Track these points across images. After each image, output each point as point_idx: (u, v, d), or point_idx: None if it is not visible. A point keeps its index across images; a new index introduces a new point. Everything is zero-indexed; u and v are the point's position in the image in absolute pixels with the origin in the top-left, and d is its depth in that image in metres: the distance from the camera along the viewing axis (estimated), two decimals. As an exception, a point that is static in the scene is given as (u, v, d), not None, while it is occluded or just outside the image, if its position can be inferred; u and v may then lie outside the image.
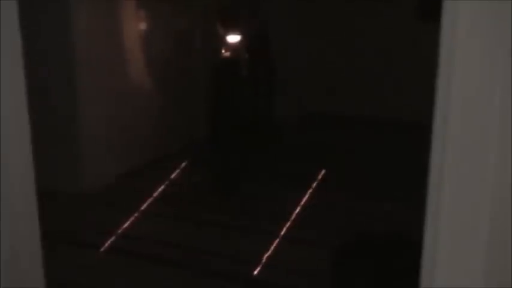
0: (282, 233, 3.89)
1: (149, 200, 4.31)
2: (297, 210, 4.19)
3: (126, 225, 3.98)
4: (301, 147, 5.40)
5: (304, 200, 4.33)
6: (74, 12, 4.17)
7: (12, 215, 1.69)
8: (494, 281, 1.20)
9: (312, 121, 6.07)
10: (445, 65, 1.17)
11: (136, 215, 4.12)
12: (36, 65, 2.99)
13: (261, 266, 3.54)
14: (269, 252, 3.66)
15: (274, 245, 3.75)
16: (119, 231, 3.91)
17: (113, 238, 3.82)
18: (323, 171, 4.74)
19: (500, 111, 1.14)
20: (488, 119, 1.15)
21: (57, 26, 4.20)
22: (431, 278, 1.25)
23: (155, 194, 4.40)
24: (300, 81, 5.90)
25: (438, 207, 1.21)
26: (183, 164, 4.85)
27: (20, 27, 1.60)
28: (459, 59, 1.15)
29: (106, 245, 3.76)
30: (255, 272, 3.49)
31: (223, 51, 4.46)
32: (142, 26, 4.86)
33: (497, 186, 1.16)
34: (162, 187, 4.51)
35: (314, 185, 4.56)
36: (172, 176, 4.70)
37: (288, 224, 4.00)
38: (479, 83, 1.14)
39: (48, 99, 4.22)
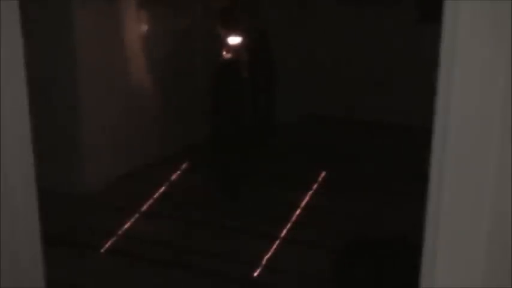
0: (282, 234, 3.90)
1: (149, 201, 4.31)
2: (297, 211, 4.19)
3: (126, 226, 3.98)
4: (301, 149, 5.40)
5: (304, 201, 4.33)
6: (75, 13, 4.18)
7: (12, 215, 1.69)
8: (494, 281, 1.20)
9: (312, 123, 6.07)
10: (445, 66, 1.17)
11: (136, 215, 4.12)
12: (37, 65, 2.99)
13: (261, 267, 3.54)
14: (269, 254, 3.66)
15: (274, 246, 3.75)
16: (119, 231, 3.91)
17: (113, 239, 3.82)
18: (323, 173, 4.74)
19: (500, 111, 1.14)
20: (488, 119, 1.15)
21: (59, 26, 4.20)
22: (431, 278, 1.25)
23: (155, 195, 4.40)
24: (301, 83, 5.90)
25: (438, 208, 1.21)
26: (184, 165, 4.85)
27: (21, 27, 1.60)
28: (460, 59, 1.15)
29: (106, 245, 3.76)
30: (255, 274, 3.49)
31: (223, 52, 4.46)
32: (144, 27, 4.86)
33: (497, 186, 1.16)
34: (163, 188, 4.51)
35: (314, 186, 4.57)
36: (173, 177, 4.70)
37: (288, 225, 4.00)
38: (480, 83, 1.14)
39: (49, 99, 4.22)
